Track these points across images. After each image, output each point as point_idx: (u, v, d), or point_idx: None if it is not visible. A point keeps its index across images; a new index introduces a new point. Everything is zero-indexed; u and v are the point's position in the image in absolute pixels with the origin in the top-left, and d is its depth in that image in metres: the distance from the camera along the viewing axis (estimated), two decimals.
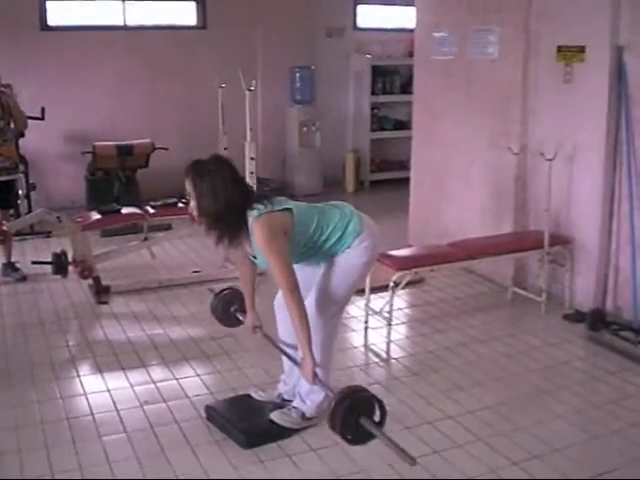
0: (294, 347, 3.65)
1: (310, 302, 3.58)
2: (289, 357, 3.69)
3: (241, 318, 3.96)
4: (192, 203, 3.42)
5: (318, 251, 3.57)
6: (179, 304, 5.69)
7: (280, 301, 3.71)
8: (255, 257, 3.55)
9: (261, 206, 3.36)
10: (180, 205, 6.15)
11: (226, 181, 3.34)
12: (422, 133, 7.03)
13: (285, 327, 3.75)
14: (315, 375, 3.35)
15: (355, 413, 3.00)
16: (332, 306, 3.64)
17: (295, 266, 3.41)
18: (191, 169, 3.39)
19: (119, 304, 5.68)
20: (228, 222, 3.37)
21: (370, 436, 3.03)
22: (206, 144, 8.32)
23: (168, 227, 6.96)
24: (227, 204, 3.32)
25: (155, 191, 7.67)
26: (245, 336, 5.03)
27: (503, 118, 5.96)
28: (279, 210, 3.40)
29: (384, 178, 9.96)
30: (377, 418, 3.04)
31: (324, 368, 3.61)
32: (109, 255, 6.07)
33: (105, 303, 5.68)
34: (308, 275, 3.63)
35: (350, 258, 3.57)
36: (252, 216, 3.34)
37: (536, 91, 5.71)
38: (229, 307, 4.02)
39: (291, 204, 3.49)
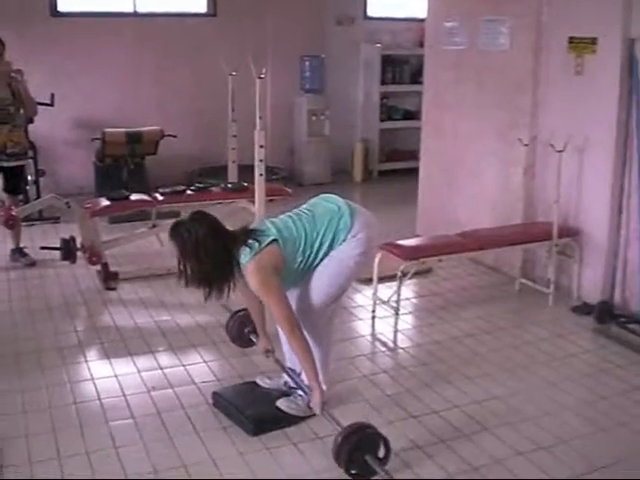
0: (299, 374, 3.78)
1: (301, 297, 3.62)
2: (297, 384, 3.77)
3: (254, 340, 4.05)
4: (181, 263, 3.41)
5: (312, 263, 3.57)
6: (186, 291, 5.59)
7: None
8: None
9: (247, 250, 3.38)
10: (189, 192, 6.16)
11: (207, 237, 3.35)
12: (431, 123, 7.02)
13: (290, 355, 3.85)
14: (323, 406, 3.49)
15: (361, 450, 3.17)
16: (324, 301, 3.65)
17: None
18: (173, 232, 3.42)
19: (127, 290, 5.69)
20: (215, 278, 3.41)
21: (373, 472, 3.17)
22: (215, 132, 8.39)
23: (176, 214, 6.86)
24: (213, 259, 3.35)
25: (164, 178, 7.68)
26: None
27: (513, 109, 5.94)
28: (265, 246, 3.41)
29: (393, 168, 9.95)
30: (381, 454, 3.22)
31: (323, 364, 3.71)
32: (117, 242, 6.08)
33: (113, 289, 5.69)
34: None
35: (344, 251, 3.57)
36: (242, 261, 3.39)
37: (547, 82, 5.69)
38: (243, 328, 4.12)
39: (274, 230, 3.48)
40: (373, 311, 5.25)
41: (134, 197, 6.07)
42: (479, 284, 5.99)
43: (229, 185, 6.41)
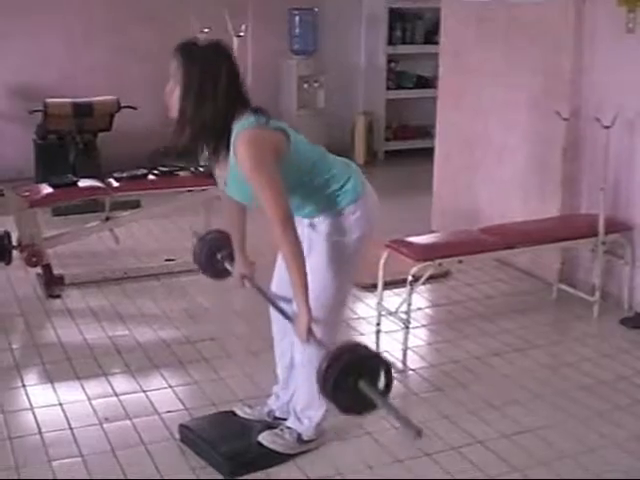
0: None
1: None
2: (282, 312, 3.60)
3: (229, 268, 3.94)
4: (170, 87, 3.38)
5: (313, 194, 3.51)
6: (149, 299, 5.70)
7: None
8: (226, 183, 3.52)
9: (252, 117, 3.30)
10: (151, 177, 6.14)
11: (220, 79, 3.29)
12: (450, 93, 7.02)
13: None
14: (310, 332, 3.31)
15: (354, 374, 2.92)
16: (325, 304, 3.58)
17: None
18: (182, 51, 3.37)
19: (75, 298, 5.68)
20: (210, 123, 3.31)
21: (369, 405, 2.95)
22: None
23: (136, 205, 6.95)
24: (215, 101, 3.29)
25: (120, 160, 7.63)
26: (229, 340, 5.05)
27: (550, 76, 5.95)
28: (272, 127, 3.34)
29: (402, 148, 9.97)
30: (381, 385, 2.98)
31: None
32: (63, 238, 6.06)
33: (57, 297, 5.68)
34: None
35: (339, 228, 3.54)
36: (240, 126, 3.29)
37: (591, 43, 5.69)
38: (216, 254, 4.00)
39: (291, 130, 3.45)
40: (378, 324, 5.25)
41: (83, 183, 6.04)
42: (508, 291, 6.00)
43: (201, 169, 6.39)
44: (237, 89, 3.37)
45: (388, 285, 5.27)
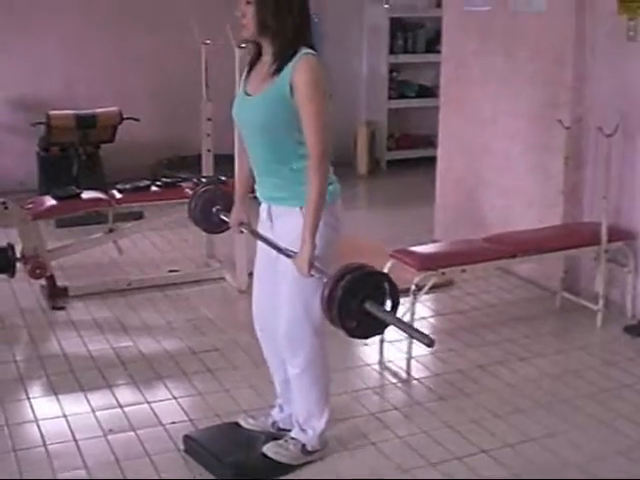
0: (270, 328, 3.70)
1: (285, 327, 3.62)
2: (280, 250, 3.54)
3: (225, 218, 3.96)
4: (241, 10, 3.47)
5: (292, 159, 3.49)
6: (152, 311, 5.71)
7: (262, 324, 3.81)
8: (237, 104, 3.64)
9: (314, 52, 3.40)
10: (154, 189, 6.16)
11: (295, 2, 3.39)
12: (452, 102, 7.03)
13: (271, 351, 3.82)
14: (312, 265, 3.33)
15: (358, 295, 2.93)
16: (310, 321, 3.59)
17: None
18: None
19: (78, 310, 5.69)
20: (283, 39, 3.37)
21: (379, 325, 2.94)
22: (186, 113, 8.39)
23: (139, 216, 6.96)
24: (292, 21, 3.35)
25: (123, 171, 7.68)
26: (233, 351, 5.05)
27: (552, 84, 5.95)
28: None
29: (405, 157, 9.97)
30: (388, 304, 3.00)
31: (324, 403, 3.73)
32: (66, 250, 6.09)
33: (61, 309, 5.69)
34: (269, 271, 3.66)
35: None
36: (303, 51, 3.37)
37: (593, 51, 5.70)
38: (211, 207, 4.03)
39: None
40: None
41: (86, 195, 6.07)
42: (511, 300, 6.00)
43: (203, 180, 6.40)
44: (308, 14, 3.44)
45: None
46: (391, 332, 5.17)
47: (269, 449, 3.80)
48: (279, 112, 3.40)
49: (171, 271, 6.30)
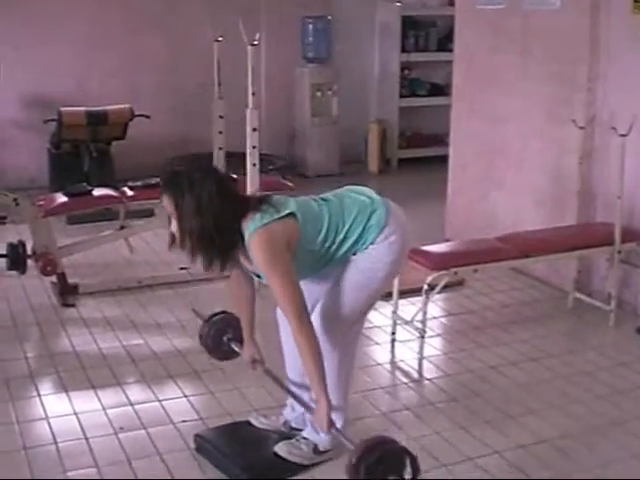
0: (306, 387, 3.70)
1: (320, 313, 3.61)
2: (300, 401, 3.73)
3: (237, 349, 4.00)
4: (173, 224, 3.41)
5: (332, 258, 3.56)
6: (163, 308, 5.70)
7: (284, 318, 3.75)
8: (259, 275, 3.58)
9: (258, 215, 3.36)
10: None
11: (213, 194, 3.34)
12: (465, 101, 7.01)
13: (293, 360, 3.78)
14: (331, 423, 3.39)
15: (382, 471, 3.07)
16: (348, 318, 3.65)
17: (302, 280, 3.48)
18: (168, 183, 3.41)
19: (89, 307, 5.69)
20: (218, 243, 3.39)
21: None
22: (198, 111, 8.40)
23: (150, 213, 6.93)
24: (216, 222, 3.34)
25: (134, 168, 7.67)
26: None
27: (566, 84, 5.93)
28: (280, 217, 3.39)
29: (416, 156, 9.97)
30: (408, 476, 3.11)
31: (340, 398, 3.68)
32: (77, 247, 6.09)
33: (72, 306, 5.69)
34: (315, 283, 3.68)
35: (373, 257, 3.56)
36: (248, 230, 3.36)
37: (607, 51, 5.68)
38: (222, 336, 4.06)
39: (293, 205, 3.47)
40: (393, 333, 5.25)
41: (98, 192, 6.07)
42: (524, 300, 5.98)
43: None
44: (232, 199, 3.42)
45: (403, 294, 5.28)
46: (402, 331, 5.20)
47: (281, 448, 3.79)
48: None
49: (182, 269, 6.28)
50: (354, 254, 3.57)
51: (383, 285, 3.71)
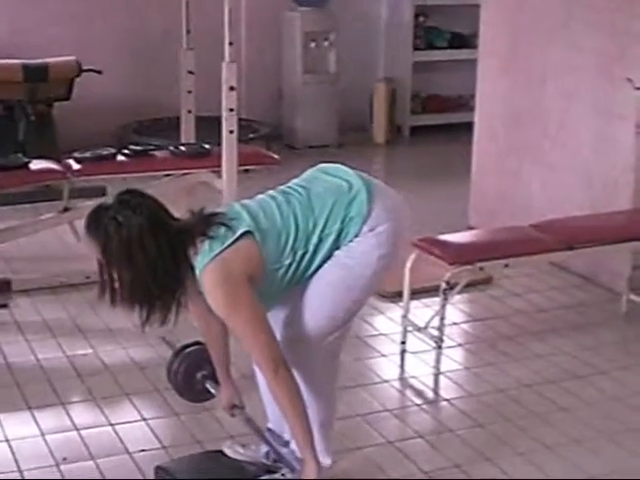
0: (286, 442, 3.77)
1: (296, 316, 3.61)
2: (278, 455, 3.76)
3: (212, 390, 4.01)
4: (102, 271, 3.43)
5: (309, 266, 3.55)
6: (117, 310, 5.67)
7: None
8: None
9: (206, 245, 3.37)
10: (120, 158, 6.15)
11: (144, 235, 3.34)
12: (494, 55, 7.02)
13: (274, 409, 3.80)
14: None
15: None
16: (331, 323, 3.64)
17: None
18: (90, 225, 3.41)
19: (24, 309, 5.69)
20: (159, 293, 3.41)
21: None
22: (161, 66, 8.37)
23: (101, 192, 6.94)
24: (154, 270, 3.35)
25: (82, 136, 7.67)
26: None
27: (619, 34, 5.93)
28: (233, 241, 3.38)
29: (433, 123, 10.00)
30: None
31: (324, 421, 3.73)
32: (10, 233, 6.07)
33: (3, 307, 5.68)
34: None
35: (358, 252, 3.54)
36: (198, 263, 3.37)
37: None
38: (195, 372, 4.04)
39: (246, 217, 3.46)
40: (403, 342, 5.25)
41: (36, 165, 6.05)
42: (565, 302, 6.00)
43: (182, 148, 6.40)
44: (169, 235, 3.40)
45: (416, 294, 5.28)
46: (414, 340, 5.20)
47: None
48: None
49: None
50: (337, 248, 3.56)
51: (372, 286, 3.69)
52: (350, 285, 3.58)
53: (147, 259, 3.34)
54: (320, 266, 3.56)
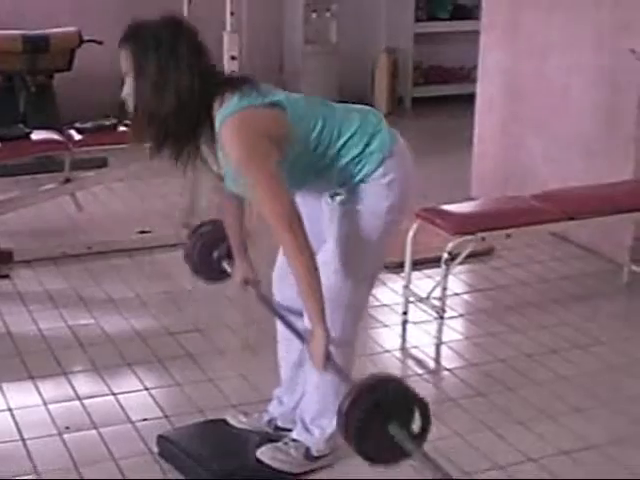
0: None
1: (324, 258, 3.54)
2: (292, 329, 3.62)
3: (227, 269, 3.95)
4: (126, 86, 3.38)
5: (326, 171, 3.52)
6: (119, 280, 5.71)
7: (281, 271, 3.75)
8: (223, 178, 3.54)
9: (235, 97, 3.30)
10: (121, 129, 6.13)
11: (182, 60, 3.30)
12: (497, 26, 7.00)
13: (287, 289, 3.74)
14: (328, 357, 3.31)
15: (382, 416, 2.93)
16: (361, 273, 3.62)
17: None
18: (130, 38, 3.39)
19: (26, 279, 5.70)
20: (178, 126, 3.34)
21: (402, 454, 2.96)
22: None
23: (102, 163, 6.96)
24: (179, 95, 3.29)
25: (83, 107, 7.64)
26: (219, 331, 5.05)
27: (622, 4, 5.92)
28: (263, 105, 3.34)
29: (435, 94, 10.00)
30: (416, 428, 2.97)
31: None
32: (11, 204, 6.08)
33: (5, 277, 5.70)
34: (313, 213, 3.61)
35: (368, 199, 3.53)
36: (220, 115, 3.30)
37: None
38: (211, 251, 4.00)
39: (282, 95, 3.45)
40: (404, 313, 5.27)
41: (37, 136, 6.06)
42: (567, 273, 6.01)
43: None
44: (205, 70, 3.37)
45: (418, 265, 5.30)
46: (416, 311, 5.21)
47: (264, 453, 3.79)
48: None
49: (142, 232, 6.29)
50: (347, 185, 3.53)
51: (383, 239, 3.63)
52: (367, 233, 3.55)
53: (177, 87, 3.28)
54: (329, 181, 3.55)
